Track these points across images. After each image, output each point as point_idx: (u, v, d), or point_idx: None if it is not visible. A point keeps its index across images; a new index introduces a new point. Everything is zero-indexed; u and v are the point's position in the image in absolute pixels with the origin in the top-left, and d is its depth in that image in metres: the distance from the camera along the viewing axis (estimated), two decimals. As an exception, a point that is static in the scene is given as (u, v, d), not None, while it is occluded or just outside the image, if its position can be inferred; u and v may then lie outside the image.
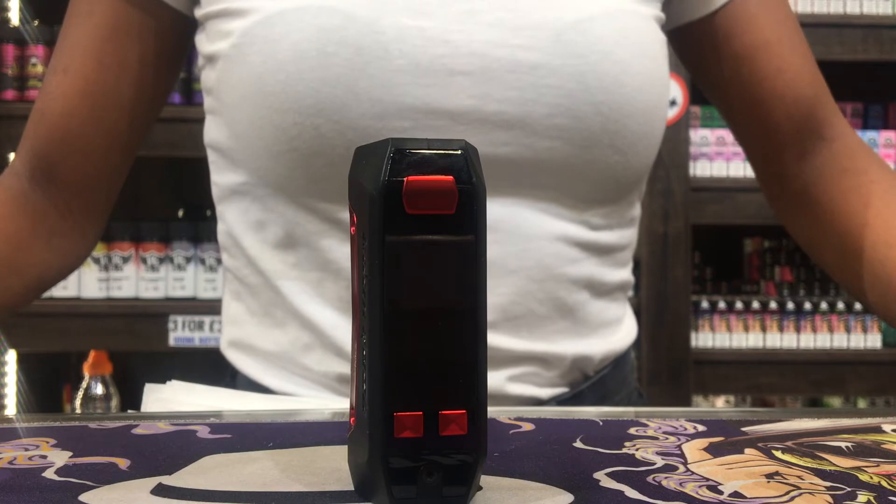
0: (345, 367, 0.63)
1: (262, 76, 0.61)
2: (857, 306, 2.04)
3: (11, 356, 2.14)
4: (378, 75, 0.59)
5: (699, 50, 0.72)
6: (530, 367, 0.65)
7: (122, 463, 0.38)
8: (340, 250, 0.63)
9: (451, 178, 0.31)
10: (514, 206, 0.63)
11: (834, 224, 0.69)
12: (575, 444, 0.42)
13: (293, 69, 0.60)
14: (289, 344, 0.65)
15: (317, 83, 0.59)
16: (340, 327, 0.63)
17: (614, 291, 0.70)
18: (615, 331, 0.71)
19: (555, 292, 0.64)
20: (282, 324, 0.66)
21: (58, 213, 0.68)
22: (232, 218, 0.68)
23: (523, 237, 0.63)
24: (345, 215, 0.62)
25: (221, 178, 0.68)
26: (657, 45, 0.66)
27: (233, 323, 0.69)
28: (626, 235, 0.70)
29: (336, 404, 0.62)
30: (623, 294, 0.72)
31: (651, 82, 0.65)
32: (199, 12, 0.66)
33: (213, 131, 0.67)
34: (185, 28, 0.69)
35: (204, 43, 0.66)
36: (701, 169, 1.99)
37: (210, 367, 0.73)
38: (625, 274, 0.71)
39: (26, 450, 0.41)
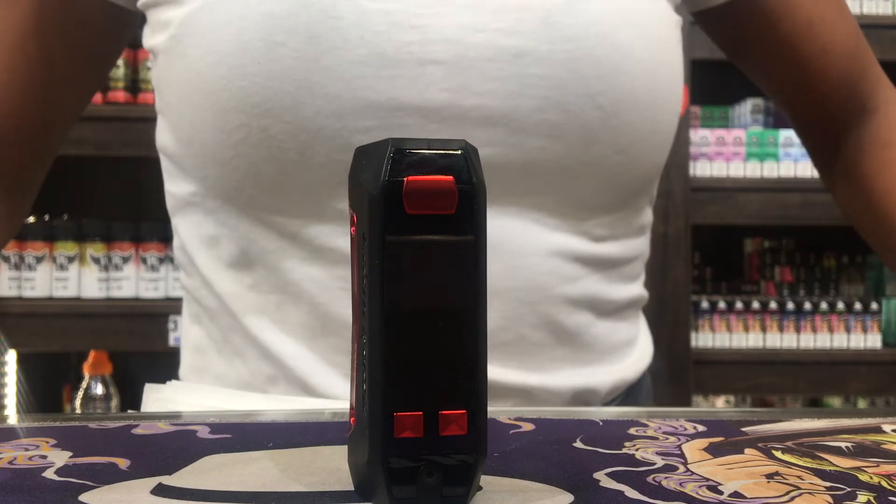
0: (314, 404, 0.57)
1: (202, 72, 0.54)
2: (858, 306, 2.04)
3: (11, 356, 2.14)
4: (334, 67, 0.52)
5: (735, 32, 0.69)
6: (523, 403, 0.58)
7: (122, 463, 0.38)
8: (301, 270, 0.56)
9: (451, 178, 0.31)
10: (502, 216, 0.55)
11: (872, 198, 0.67)
12: (575, 444, 0.42)
13: (235, 62, 0.53)
14: (250, 375, 0.59)
15: (263, 78, 0.52)
16: (303, 357, 0.57)
17: (624, 310, 0.63)
18: (626, 354, 0.64)
19: (551, 315, 0.57)
20: (241, 352, 0.60)
21: None
22: (185, 232, 0.62)
23: (512, 253, 0.56)
24: (304, 231, 0.56)
25: (173, 186, 0.62)
26: (666, 28, 0.59)
27: (193, 349, 0.64)
28: (636, 246, 0.63)
29: (335, 404, 0.62)
30: (635, 311, 0.65)
31: (658, 69, 0.57)
32: (140, 1, 0.61)
33: (162, 134, 0.62)
34: (119, 20, 0.65)
35: (147, 37, 0.61)
36: (701, 169, 2.00)
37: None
38: (635, 289, 0.64)
39: (26, 450, 0.40)
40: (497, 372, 0.56)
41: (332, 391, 0.58)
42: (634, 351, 0.65)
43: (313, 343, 0.58)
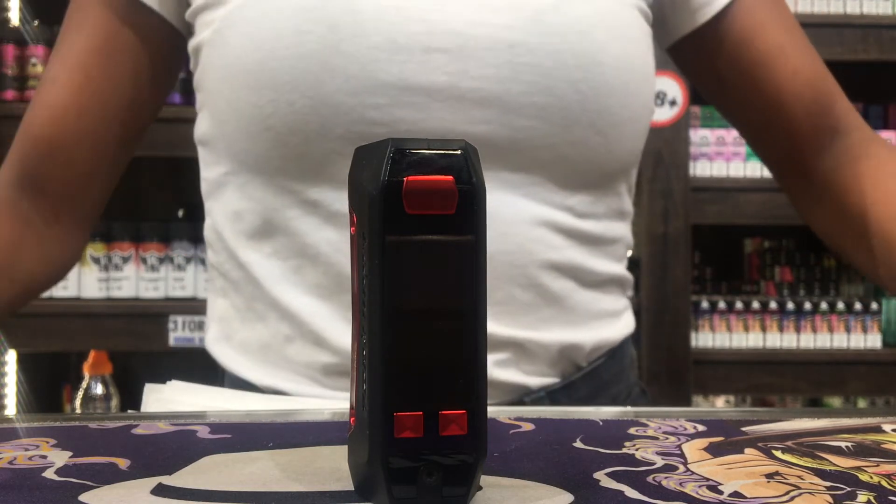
0: (328, 357, 0.63)
1: (241, 56, 0.62)
2: (858, 306, 2.04)
3: (11, 356, 2.14)
4: (352, 52, 0.60)
5: (709, 61, 0.72)
6: (515, 354, 0.64)
7: (122, 463, 0.38)
8: (317, 234, 0.63)
9: (450, 178, 0.31)
10: (494, 189, 0.62)
11: (848, 207, 0.70)
12: (575, 444, 0.42)
13: (269, 47, 0.61)
14: (270, 337, 0.66)
15: (292, 59, 0.60)
16: (320, 314, 0.64)
17: (606, 284, 0.69)
18: (610, 323, 0.70)
19: (537, 279, 0.64)
20: (263, 317, 0.66)
21: (45, 221, 0.69)
22: (216, 211, 0.69)
23: (503, 221, 0.63)
24: (321, 197, 0.63)
25: (208, 172, 0.69)
26: (637, 31, 0.67)
27: (219, 320, 0.70)
28: (616, 229, 0.69)
29: (334, 404, 0.62)
30: (619, 289, 0.71)
31: (631, 65, 0.65)
32: (188, 13, 0.67)
33: (201, 126, 0.68)
34: (177, 43, 0.69)
35: (192, 39, 0.67)
36: (701, 169, 1.99)
37: (210, 367, 0.73)
38: (618, 268, 0.70)
39: (26, 450, 0.41)
40: (492, 326, 0.63)
41: (345, 344, 0.63)
42: (618, 322, 0.71)
43: (329, 300, 0.64)
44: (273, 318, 0.65)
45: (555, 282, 0.65)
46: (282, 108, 0.61)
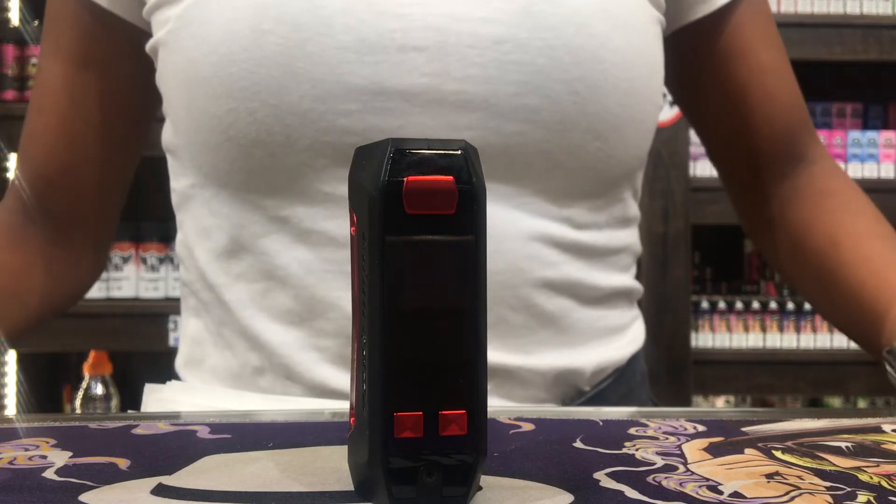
0: (301, 392, 0.59)
1: (195, 61, 0.56)
2: (857, 306, 2.04)
3: (11, 356, 2.14)
4: (319, 53, 0.54)
5: (694, 65, 0.69)
6: (500, 382, 0.59)
7: (122, 463, 0.38)
8: (288, 254, 0.58)
9: (451, 178, 0.31)
10: None
11: (805, 243, 0.68)
12: (575, 444, 0.42)
13: (225, 50, 0.55)
14: (239, 367, 0.61)
15: (250, 64, 0.54)
16: (289, 344, 0.58)
17: (611, 298, 0.63)
18: (615, 340, 0.64)
19: (531, 299, 0.58)
20: (231, 345, 0.61)
21: (55, 245, 0.68)
22: (186, 226, 0.64)
23: (493, 237, 0.55)
24: (291, 213, 0.58)
25: (176, 182, 0.64)
26: (645, 21, 0.60)
27: (191, 341, 0.65)
28: (621, 237, 0.64)
29: (334, 404, 0.62)
30: (626, 301, 0.66)
31: (636, 59, 0.59)
32: (144, 11, 0.62)
33: (166, 132, 0.64)
34: (146, 42, 0.65)
35: (150, 42, 0.63)
36: (701, 169, 2.00)
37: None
38: (624, 279, 0.65)
39: (26, 450, 0.40)
40: None
41: (318, 377, 0.58)
42: (624, 337, 0.66)
43: (300, 327, 0.58)
44: (241, 346, 0.60)
45: (550, 301, 0.59)
46: (242, 117, 0.55)
